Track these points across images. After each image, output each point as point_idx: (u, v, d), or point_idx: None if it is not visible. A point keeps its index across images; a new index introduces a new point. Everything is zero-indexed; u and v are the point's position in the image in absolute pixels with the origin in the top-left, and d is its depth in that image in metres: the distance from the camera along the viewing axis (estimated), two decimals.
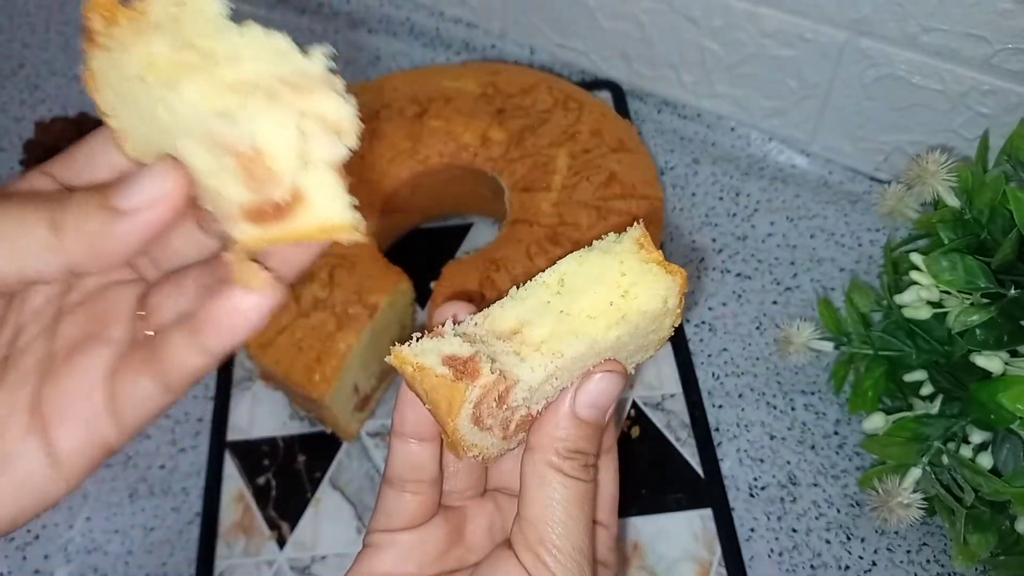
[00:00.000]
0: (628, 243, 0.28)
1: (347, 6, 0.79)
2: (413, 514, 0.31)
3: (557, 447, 0.28)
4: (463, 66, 0.62)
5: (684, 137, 0.68)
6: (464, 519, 0.33)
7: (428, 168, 0.57)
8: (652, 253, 0.28)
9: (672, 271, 0.28)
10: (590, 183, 0.53)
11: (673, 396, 0.53)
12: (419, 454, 0.31)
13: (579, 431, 0.29)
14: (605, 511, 0.33)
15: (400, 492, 0.31)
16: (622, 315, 0.27)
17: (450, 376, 0.26)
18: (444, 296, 0.49)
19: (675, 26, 0.64)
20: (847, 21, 0.56)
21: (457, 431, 0.27)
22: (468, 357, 0.26)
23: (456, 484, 0.33)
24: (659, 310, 0.28)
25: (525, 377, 0.27)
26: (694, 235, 0.62)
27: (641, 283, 0.27)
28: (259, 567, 0.48)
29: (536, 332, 0.27)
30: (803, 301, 0.58)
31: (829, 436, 0.52)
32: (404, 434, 0.31)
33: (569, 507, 0.28)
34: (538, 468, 0.28)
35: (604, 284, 0.28)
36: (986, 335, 0.42)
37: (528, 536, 0.28)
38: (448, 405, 0.26)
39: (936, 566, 0.47)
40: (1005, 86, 0.54)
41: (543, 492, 0.28)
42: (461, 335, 0.27)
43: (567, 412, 0.28)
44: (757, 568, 0.47)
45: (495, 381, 0.26)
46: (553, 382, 0.28)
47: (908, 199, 0.48)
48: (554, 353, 0.27)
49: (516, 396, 0.27)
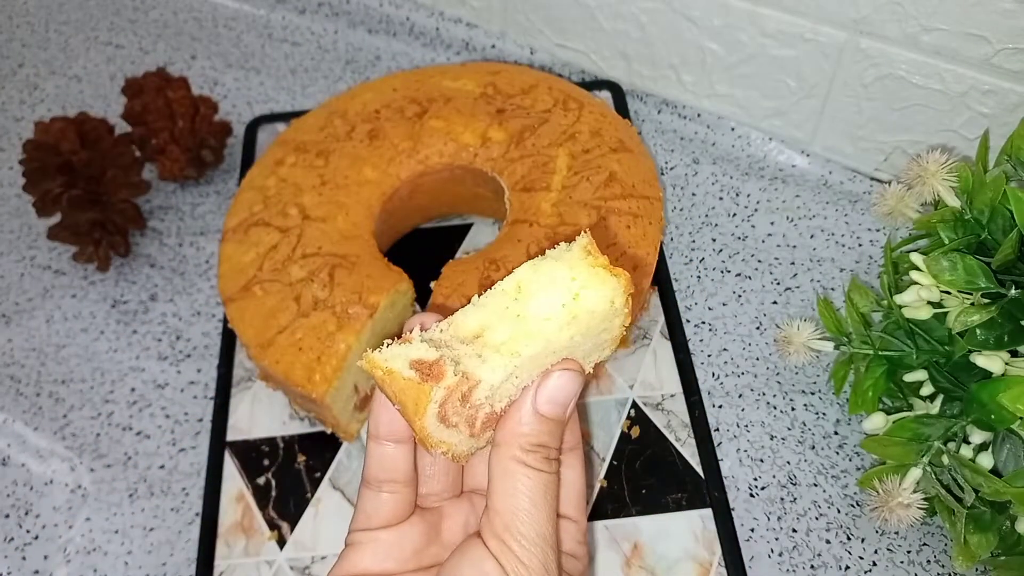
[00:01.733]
0: (577, 250, 0.30)
1: (347, 6, 0.79)
2: (390, 513, 0.33)
3: (521, 442, 0.30)
4: (463, 66, 0.62)
5: (684, 137, 0.68)
6: (440, 518, 0.35)
7: (428, 168, 0.57)
8: (599, 259, 0.30)
9: (617, 273, 0.30)
10: (590, 183, 0.53)
11: (673, 396, 0.53)
12: (394, 456, 0.33)
13: (541, 426, 0.30)
14: (572, 505, 0.35)
15: (377, 492, 0.33)
16: (573, 316, 0.29)
17: (416, 378, 0.28)
18: (444, 296, 0.49)
19: (675, 26, 0.64)
20: (847, 21, 0.56)
21: (424, 429, 0.29)
22: (433, 360, 0.29)
23: (433, 487, 0.35)
24: (607, 310, 0.30)
25: (486, 377, 0.29)
26: (694, 235, 0.62)
27: (589, 286, 0.30)
28: (259, 567, 0.48)
29: (496, 335, 0.30)
30: (803, 301, 0.58)
31: (829, 436, 0.52)
32: (379, 437, 0.33)
33: (533, 497, 0.30)
34: (503, 461, 0.30)
35: (556, 288, 0.30)
36: (986, 335, 0.42)
37: (495, 524, 0.30)
38: (415, 405, 0.28)
39: (936, 566, 0.47)
40: (1005, 86, 0.54)
41: (509, 483, 0.30)
42: (427, 340, 0.30)
43: (529, 408, 0.30)
44: (757, 568, 0.47)
45: (458, 382, 0.29)
46: (514, 380, 0.30)
47: (908, 199, 0.48)
48: (512, 353, 0.29)
49: (479, 395, 0.29)
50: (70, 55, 0.79)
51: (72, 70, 0.77)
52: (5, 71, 0.78)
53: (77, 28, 0.81)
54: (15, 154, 0.70)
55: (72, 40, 0.80)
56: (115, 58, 0.78)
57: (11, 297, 0.62)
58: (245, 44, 0.78)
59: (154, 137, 0.64)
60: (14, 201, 0.68)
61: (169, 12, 0.82)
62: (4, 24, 0.82)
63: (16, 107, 0.75)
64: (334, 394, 0.48)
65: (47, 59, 0.78)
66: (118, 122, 0.66)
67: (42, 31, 0.81)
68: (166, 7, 0.83)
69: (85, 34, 0.81)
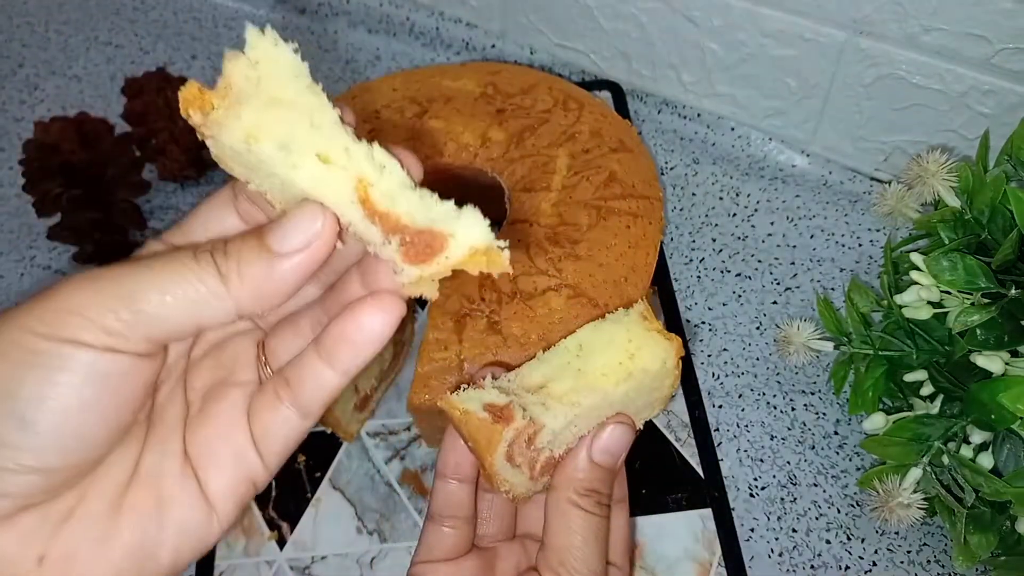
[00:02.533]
0: (634, 315, 0.34)
1: (347, 6, 0.79)
2: (451, 547, 0.36)
3: (576, 486, 0.33)
4: (463, 66, 0.62)
5: (684, 137, 0.68)
6: (495, 557, 0.38)
7: (428, 168, 0.57)
8: (654, 323, 0.34)
9: (670, 338, 0.34)
10: (590, 183, 0.53)
11: (673, 396, 0.53)
12: (458, 493, 0.36)
13: (595, 473, 0.33)
14: (618, 553, 0.37)
15: (440, 526, 0.36)
16: (629, 372, 0.33)
17: (490, 419, 0.32)
18: (444, 296, 0.49)
19: (675, 26, 0.64)
20: (847, 21, 0.56)
21: (493, 466, 0.32)
22: (504, 405, 0.32)
23: (489, 529, 0.38)
24: (660, 370, 0.33)
25: (549, 423, 0.32)
26: (694, 235, 0.62)
27: (645, 347, 0.33)
28: (259, 567, 0.48)
29: (558, 386, 0.33)
30: (803, 301, 0.58)
31: (829, 436, 0.52)
32: (446, 475, 0.36)
33: (586, 536, 0.33)
34: (560, 503, 0.33)
35: (614, 347, 0.33)
36: (986, 335, 0.42)
37: (550, 559, 0.33)
38: (487, 443, 0.32)
39: (936, 566, 0.47)
40: (1006, 86, 0.54)
41: (564, 522, 0.33)
42: (498, 387, 0.33)
43: (585, 456, 0.33)
44: (757, 568, 0.47)
45: (526, 425, 0.32)
46: (572, 429, 0.33)
47: (908, 199, 0.48)
48: (573, 403, 0.32)
49: (542, 439, 0.33)
50: (70, 55, 0.79)
51: (72, 70, 0.77)
52: (5, 71, 0.78)
53: (77, 28, 0.81)
54: (15, 154, 0.70)
55: (72, 40, 0.80)
56: (115, 58, 0.78)
57: (11, 297, 0.62)
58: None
59: (154, 137, 0.64)
60: (14, 201, 0.68)
61: (169, 12, 0.82)
62: (4, 24, 0.82)
63: (16, 107, 0.75)
64: None
65: (47, 59, 0.78)
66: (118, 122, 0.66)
67: (42, 31, 0.81)
68: (166, 7, 0.83)
69: (85, 34, 0.81)
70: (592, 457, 0.33)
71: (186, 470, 0.26)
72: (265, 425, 0.26)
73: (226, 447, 0.26)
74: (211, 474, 0.26)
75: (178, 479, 0.26)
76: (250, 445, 0.26)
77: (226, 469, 0.26)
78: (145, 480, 0.26)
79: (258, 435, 0.26)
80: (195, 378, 0.28)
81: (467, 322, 0.46)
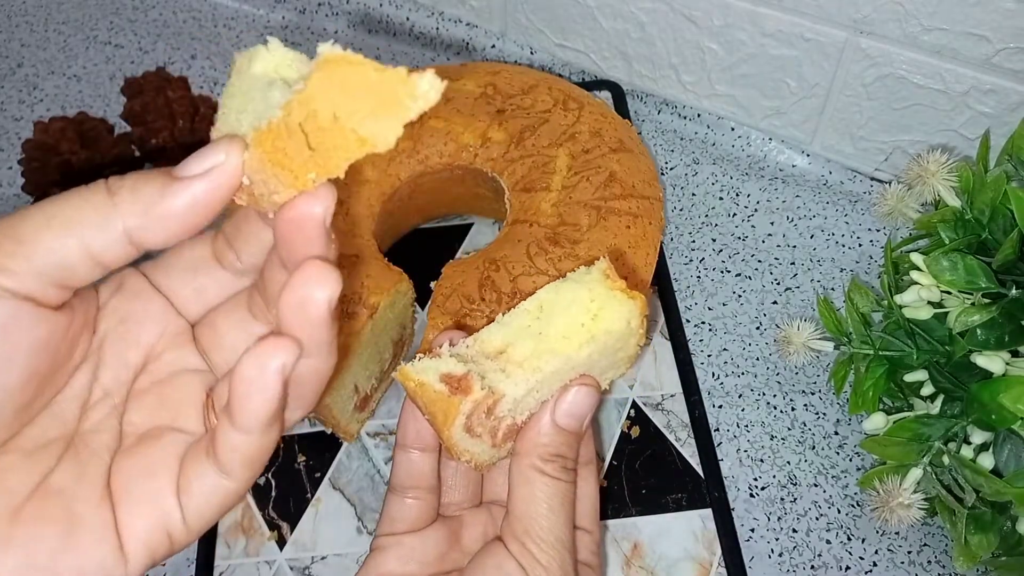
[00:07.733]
0: (596, 274, 0.32)
1: (347, 6, 0.79)
2: (415, 518, 0.35)
3: (540, 451, 0.32)
4: (463, 66, 0.62)
5: (684, 137, 0.68)
6: (461, 526, 0.37)
7: (428, 168, 0.57)
8: (616, 282, 0.32)
9: (634, 296, 0.32)
10: (590, 183, 0.53)
11: (673, 396, 0.53)
12: (419, 463, 0.35)
13: (559, 437, 0.32)
14: (587, 518, 0.36)
15: (402, 498, 0.35)
16: (591, 335, 0.31)
17: (446, 391, 0.30)
18: (444, 296, 0.49)
19: (675, 26, 0.64)
20: (847, 21, 0.56)
21: (451, 438, 0.31)
22: (462, 375, 0.31)
23: (454, 496, 0.37)
24: (624, 330, 0.32)
25: (510, 391, 0.31)
26: (694, 235, 0.62)
27: (607, 307, 0.31)
28: (259, 567, 0.48)
29: (519, 351, 0.31)
30: (803, 301, 0.58)
31: (829, 436, 0.52)
32: (406, 445, 0.35)
33: (551, 503, 0.32)
34: (523, 470, 0.32)
35: (576, 308, 0.32)
36: (987, 335, 0.42)
37: (515, 528, 0.32)
38: (444, 416, 0.30)
39: (937, 567, 0.47)
40: (1006, 85, 0.54)
41: (528, 489, 0.32)
42: (456, 355, 0.32)
43: (548, 420, 0.32)
44: (757, 568, 0.47)
45: (485, 396, 0.30)
46: (535, 395, 0.32)
47: (908, 199, 0.48)
48: (534, 369, 0.31)
49: (503, 408, 0.31)
50: (69, 55, 0.78)
51: (71, 70, 0.77)
52: (4, 71, 0.78)
53: (76, 28, 0.81)
54: (14, 154, 0.69)
55: (71, 40, 0.80)
56: (114, 58, 0.78)
57: None
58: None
59: (154, 137, 0.64)
60: (13, 201, 0.68)
61: (169, 12, 0.82)
62: (3, 24, 0.82)
63: (15, 107, 0.75)
64: (334, 394, 0.48)
65: (46, 59, 0.78)
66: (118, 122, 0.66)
67: (41, 31, 0.81)
68: (166, 7, 0.83)
69: (84, 34, 0.80)
70: (556, 421, 0.32)
71: (104, 501, 0.24)
72: (189, 478, 0.24)
73: (149, 488, 0.24)
74: (129, 511, 0.24)
75: (93, 505, 0.24)
76: (173, 494, 0.24)
77: (144, 511, 0.24)
78: (53, 495, 0.23)
79: (183, 486, 0.24)
80: (134, 412, 0.26)
81: (467, 322, 0.46)
